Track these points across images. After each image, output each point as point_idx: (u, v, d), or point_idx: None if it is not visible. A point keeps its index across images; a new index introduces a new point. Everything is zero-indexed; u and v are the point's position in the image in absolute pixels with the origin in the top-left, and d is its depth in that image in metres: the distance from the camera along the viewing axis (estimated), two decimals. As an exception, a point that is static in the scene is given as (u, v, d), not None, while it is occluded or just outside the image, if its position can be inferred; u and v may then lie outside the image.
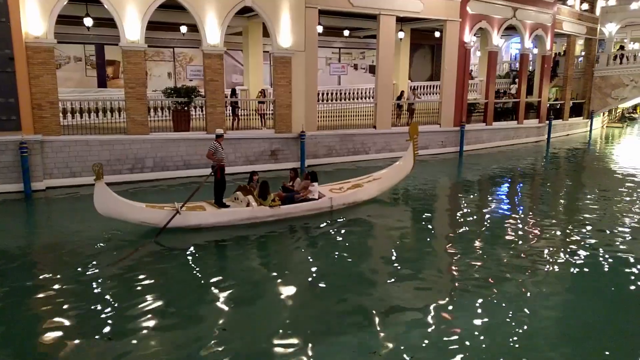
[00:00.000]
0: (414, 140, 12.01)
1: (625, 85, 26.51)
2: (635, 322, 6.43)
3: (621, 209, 12.06)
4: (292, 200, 10.51)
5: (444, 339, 5.79)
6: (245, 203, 9.99)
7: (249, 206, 9.94)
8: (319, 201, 10.75)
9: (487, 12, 20.03)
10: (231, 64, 23.01)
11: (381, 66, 17.72)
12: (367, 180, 12.03)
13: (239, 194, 10.23)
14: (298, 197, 10.62)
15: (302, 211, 10.47)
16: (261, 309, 6.63)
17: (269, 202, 10.11)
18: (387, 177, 12.25)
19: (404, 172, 12.37)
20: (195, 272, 7.86)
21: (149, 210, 9.30)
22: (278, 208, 10.19)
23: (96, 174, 8.47)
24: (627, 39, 37.45)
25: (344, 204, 11.19)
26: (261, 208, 9.98)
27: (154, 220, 9.23)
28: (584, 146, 24.17)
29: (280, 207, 10.22)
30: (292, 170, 11.60)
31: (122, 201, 9.09)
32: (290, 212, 10.31)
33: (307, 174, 11.11)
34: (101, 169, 8.52)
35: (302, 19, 15.57)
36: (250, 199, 9.96)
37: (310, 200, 10.65)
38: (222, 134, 10.48)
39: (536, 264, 8.27)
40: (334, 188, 11.53)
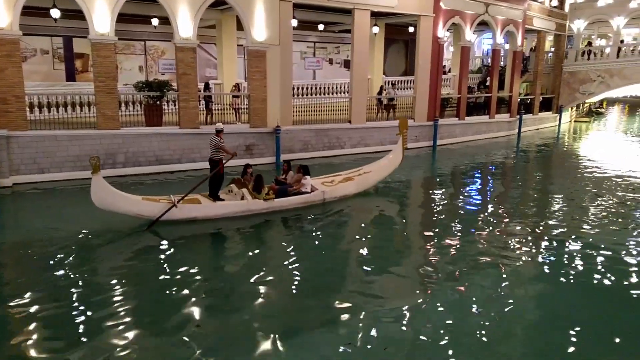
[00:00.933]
0: (404, 134, 12.41)
1: (592, 81, 27.25)
2: (605, 310, 6.63)
3: (588, 201, 12.42)
4: (286, 193, 10.67)
5: (418, 330, 5.88)
6: (239, 196, 10.13)
7: (243, 199, 10.07)
8: (312, 194, 10.93)
9: (460, 8, 20.28)
10: (204, 58, 22.71)
11: (356, 61, 17.76)
12: (358, 174, 12.21)
13: (233, 186, 10.38)
14: (291, 190, 10.78)
15: (295, 204, 10.66)
16: (238, 304, 6.60)
17: (264, 195, 10.24)
18: (377, 170, 12.51)
19: (393, 166, 12.73)
20: (171, 266, 7.76)
21: (146, 203, 9.38)
22: (272, 201, 10.34)
23: (93, 167, 8.53)
24: (595, 35, 38.50)
25: (336, 197, 11.39)
26: (255, 201, 10.13)
27: (150, 212, 9.31)
28: (554, 140, 24.77)
29: (274, 200, 10.37)
30: (285, 163, 11.75)
31: (119, 194, 9.16)
32: (283, 205, 10.49)
33: (300, 167, 11.27)
34: (98, 162, 8.57)
35: (277, 13, 15.46)
36: (245, 192, 10.10)
37: (303, 194, 10.82)
38: (222, 128, 10.55)
39: (507, 256, 8.46)
40: (326, 181, 11.72)
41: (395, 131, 18.57)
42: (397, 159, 12.72)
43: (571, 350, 5.58)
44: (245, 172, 10.66)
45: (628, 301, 6.91)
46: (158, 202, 9.49)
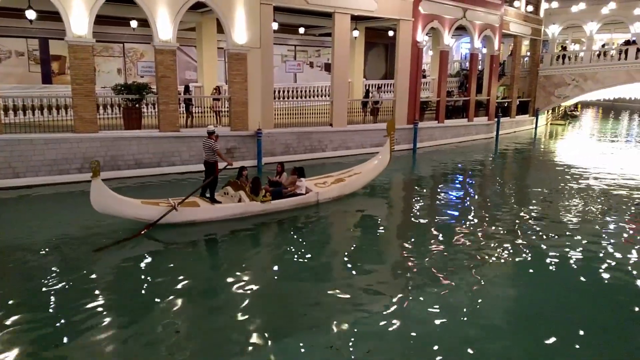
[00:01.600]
0: (391, 136, 12.68)
1: (567, 84, 27.90)
2: (581, 308, 6.78)
3: (564, 202, 12.71)
4: (280, 194, 10.86)
5: (400, 332, 5.93)
6: (236, 198, 10.26)
7: (240, 201, 10.21)
8: (306, 195, 11.17)
9: (439, 12, 20.56)
10: (184, 60, 22.53)
11: (337, 64, 17.85)
12: (349, 175, 12.53)
13: (229, 189, 10.50)
14: (286, 192, 10.99)
15: (291, 205, 10.90)
16: (220, 308, 6.56)
17: (261, 197, 10.41)
18: (367, 171, 12.81)
19: (382, 167, 13.07)
20: (160, 271, 7.68)
21: (145, 207, 9.44)
22: (269, 203, 10.54)
23: (93, 171, 8.54)
24: (569, 40, 39.48)
25: (329, 198, 11.67)
26: (253, 203, 10.30)
27: (149, 216, 9.37)
28: (531, 143, 25.25)
29: (271, 202, 10.57)
30: (280, 165, 11.94)
31: (119, 198, 9.19)
32: (279, 207, 10.70)
33: (294, 169, 11.51)
34: (98, 166, 8.57)
35: (257, 16, 15.44)
36: (242, 195, 10.23)
37: (298, 195, 11.03)
38: (214, 130, 10.67)
39: (487, 256, 8.60)
40: (319, 182, 11.99)
41: (376, 134, 18.78)
42: (385, 160, 13.04)
43: (550, 346, 5.70)
44: (240, 175, 10.71)
45: (604, 298, 7.08)
46: (157, 205, 9.56)
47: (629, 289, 7.44)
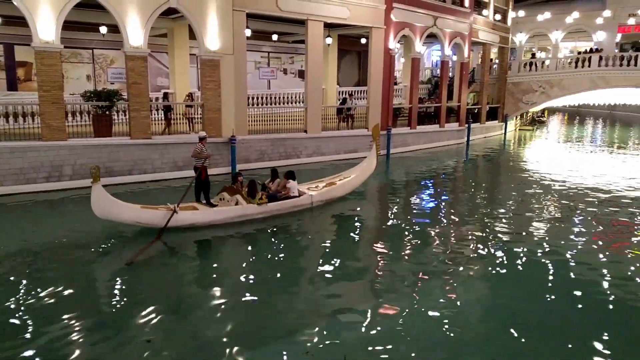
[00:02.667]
0: (376, 141, 13.38)
1: (534, 91, 28.69)
2: (552, 310, 6.95)
3: (534, 204, 13.04)
4: (275, 198, 11.14)
5: (377, 338, 5.96)
6: (233, 202, 10.46)
7: (237, 205, 10.40)
8: (301, 198, 11.50)
9: (410, 20, 20.91)
10: (156, 67, 22.25)
11: (310, 71, 17.93)
12: (339, 179, 13.04)
13: (224, 194, 10.67)
14: (280, 196, 11.29)
15: (287, 208, 11.21)
16: (195, 315, 6.48)
17: (257, 200, 10.65)
18: (356, 175, 13.31)
19: (369, 171, 13.67)
20: (139, 279, 7.52)
21: (145, 211, 9.55)
22: (265, 205, 10.80)
23: (93, 177, 8.64)
24: (535, 47, 40.69)
25: (322, 201, 12.04)
26: (250, 206, 10.55)
27: (149, 220, 9.49)
28: (500, 148, 25.85)
29: (267, 204, 10.83)
30: (273, 170, 12.19)
31: (119, 203, 9.31)
32: (275, 209, 11.00)
33: (285, 173, 11.77)
34: (98, 172, 8.69)
35: (230, 22, 15.40)
36: (239, 198, 10.45)
37: (292, 198, 11.34)
38: (205, 136, 11.08)
39: (461, 260, 8.74)
40: (311, 186, 12.43)
41: (351, 140, 18.95)
42: (372, 164, 13.65)
43: (525, 347, 5.82)
44: (235, 180, 10.94)
45: (574, 299, 7.28)
46: (157, 209, 9.68)
47: (596, 287, 7.66)
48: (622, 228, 11.29)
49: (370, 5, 19.11)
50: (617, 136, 32.10)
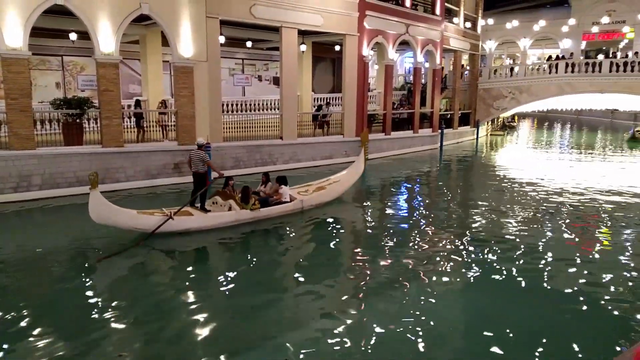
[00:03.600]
0: (365, 146, 13.73)
1: (504, 97, 29.41)
2: (526, 311, 7.09)
3: (506, 208, 13.32)
4: (267, 203, 11.28)
5: (356, 342, 5.98)
6: (226, 207, 10.58)
7: (231, 210, 10.52)
8: (291, 203, 11.67)
9: (383, 28, 21.19)
10: (127, 74, 21.90)
11: (285, 78, 17.96)
12: (328, 183, 13.18)
13: (217, 198, 10.79)
14: (272, 200, 11.44)
15: (278, 213, 11.36)
16: (176, 325, 6.38)
17: (250, 205, 10.76)
18: (344, 179, 13.54)
19: (357, 175, 13.93)
20: (117, 286, 7.36)
21: (142, 217, 9.66)
22: (258, 211, 10.92)
23: (91, 183, 8.70)
24: (504, 55, 41.75)
25: (312, 205, 12.22)
26: (243, 211, 10.67)
27: (146, 225, 9.59)
28: (473, 153, 26.35)
29: (260, 209, 10.95)
30: (264, 175, 12.36)
31: (116, 208, 9.38)
32: (268, 214, 11.14)
33: (277, 178, 12.02)
34: (97, 178, 8.76)
35: (204, 29, 15.32)
36: (232, 203, 10.57)
37: (284, 203, 11.50)
38: (204, 142, 11.39)
39: (437, 263, 8.86)
40: (301, 191, 12.55)
41: (327, 146, 19.06)
42: (360, 168, 13.91)
43: (500, 351, 5.93)
44: (227, 184, 11.05)
45: (548, 301, 7.44)
46: (152, 215, 9.78)
47: (569, 288, 7.85)
48: (591, 228, 11.64)
49: (344, 12, 19.30)
50: (584, 140, 33.12)
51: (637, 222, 12.07)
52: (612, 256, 9.48)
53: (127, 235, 9.78)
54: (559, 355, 5.84)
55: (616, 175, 18.70)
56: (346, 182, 13.53)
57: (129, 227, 9.58)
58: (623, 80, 26.32)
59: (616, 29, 34.16)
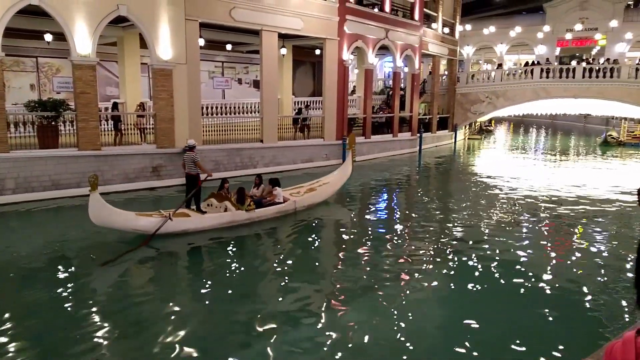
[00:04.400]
0: (352, 149, 14.18)
1: (482, 101, 29.90)
2: (502, 313, 7.23)
3: (483, 210, 13.54)
4: (261, 204, 11.51)
5: (335, 346, 6.00)
6: (222, 208, 10.76)
7: (226, 211, 10.72)
8: (285, 204, 11.94)
9: (363, 32, 21.35)
10: (105, 76, 21.59)
11: (265, 81, 17.94)
12: (319, 185, 13.50)
13: (212, 200, 10.91)
14: (265, 202, 11.69)
15: (272, 213, 11.64)
16: (154, 330, 6.29)
17: (245, 206, 11.00)
18: (334, 181, 13.93)
19: (346, 177, 14.38)
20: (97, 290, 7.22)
21: (141, 218, 9.79)
22: (253, 212, 11.17)
23: (91, 185, 8.83)
24: (482, 60, 42.48)
25: (304, 206, 12.53)
26: (239, 212, 10.90)
27: (145, 227, 9.72)
28: (451, 156, 26.71)
29: (255, 210, 11.20)
30: (257, 177, 12.49)
31: (115, 210, 9.52)
32: (262, 215, 11.38)
33: (269, 180, 12.26)
34: (96, 180, 8.91)
35: (183, 31, 15.20)
36: (228, 205, 10.76)
37: (277, 204, 11.74)
38: (195, 144, 11.58)
39: (415, 266, 8.95)
40: (293, 192, 12.81)
41: (308, 150, 19.09)
42: (348, 170, 14.33)
43: (476, 352, 6.02)
44: (222, 187, 11.21)
45: (523, 302, 7.59)
46: (151, 216, 9.91)
47: (546, 291, 8.03)
48: (566, 230, 11.91)
49: (324, 17, 19.39)
50: (559, 144, 33.88)
51: (610, 224, 12.41)
52: (587, 257, 9.71)
53: (109, 238, 9.71)
54: (536, 355, 5.96)
55: (590, 178, 19.19)
56: (336, 183, 13.90)
57: (128, 229, 9.67)
58: (595, 86, 27.04)
59: (589, 36, 35.08)
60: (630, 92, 26.26)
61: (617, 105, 27.43)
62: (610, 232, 11.66)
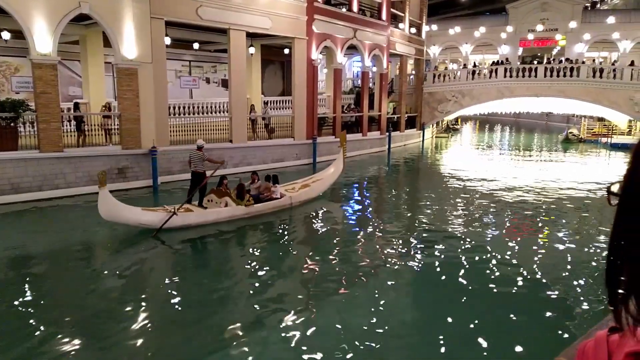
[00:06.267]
0: (343, 147, 14.74)
1: (448, 100, 30.44)
2: (469, 310, 7.36)
3: (451, 207, 13.80)
4: (259, 199, 11.98)
5: (310, 346, 5.99)
6: (222, 204, 11.22)
7: (227, 206, 11.18)
8: (282, 200, 12.48)
9: (331, 32, 21.42)
10: (67, 75, 20.95)
11: (234, 80, 17.76)
12: (313, 181, 14.03)
13: (212, 196, 11.36)
14: (263, 197, 12.17)
15: (270, 208, 12.13)
16: (122, 336, 6.14)
17: (245, 202, 11.46)
18: (327, 178, 14.42)
19: (337, 173, 14.81)
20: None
21: (146, 213, 10.33)
22: (252, 206, 11.63)
23: (100, 181, 9.33)
24: (448, 60, 43.25)
25: (300, 201, 13.02)
26: (239, 207, 11.36)
27: (151, 221, 10.20)
28: (419, 154, 27.11)
29: (254, 206, 11.66)
30: (254, 173, 12.88)
31: (123, 206, 10.03)
32: (261, 210, 11.85)
33: (267, 177, 12.81)
34: (105, 177, 9.45)
35: (148, 30, 14.89)
36: (228, 200, 11.24)
37: (274, 199, 12.25)
38: (203, 145, 12.16)
39: (386, 263, 9.03)
40: (288, 188, 13.29)
41: (278, 149, 19.04)
42: (340, 167, 14.78)
43: (444, 349, 6.13)
44: (221, 184, 11.59)
45: (491, 298, 7.76)
46: (157, 211, 10.46)
47: (513, 286, 8.23)
48: (531, 225, 12.26)
49: (292, 16, 19.35)
50: (522, 141, 34.87)
51: (573, 218, 12.85)
52: (551, 251, 10.02)
53: (74, 242, 9.36)
54: (502, 349, 6.10)
55: (552, 174, 19.81)
56: (328, 180, 14.41)
57: (136, 224, 10.17)
58: (556, 85, 27.95)
59: (550, 36, 36.22)
60: (589, 90, 27.25)
61: (577, 104, 28.44)
62: (574, 227, 12.07)
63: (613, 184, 0.77)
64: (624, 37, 33.77)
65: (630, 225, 0.73)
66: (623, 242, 0.74)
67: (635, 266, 0.72)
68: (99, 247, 10.33)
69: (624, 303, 0.74)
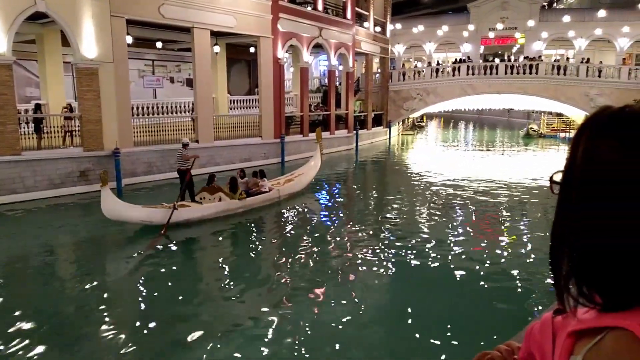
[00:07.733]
0: (320, 142, 15.74)
1: (413, 98, 30.90)
2: (437, 302, 7.51)
3: (418, 203, 14.06)
4: (249, 194, 12.55)
5: (281, 344, 6.00)
6: (216, 199, 11.59)
7: (221, 201, 11.57)
8: (270, 193, 13.21)
9: (297, 31, 21.39)
10: (24, 76, 20.19)
11: (199, 79, 17.52)
12: (295, 176, 14.83)
13: (204, 194, 11.71)
14: (252, 192, 12.74)
15: (261, 202, 12.81)
16: (93, 343, 5.99)
17: (238, 195, 11.93)
18: (307, 172, 15.26)
19: (316, 168, 15.68)
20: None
21: (147, 210, 10.52)
22: (245, 200, 12.17)
23: (102, 181, 9.60)
24: (412, 58, 43.87)
25: (287, 194, 13.80)
26: (233, 201, 11.83)
27: (152, 218, 10.44)
28: (386, 152, 27.42)
29: (246, 199, 12.21)
30: (241, 171, 13.41)
31: (125, 204, 10.35)
32: (252, 203, 12.46)
33: (254, 172, 13.59)
34: (106, 176, 9.72)
35: (108, 28, 14.51)
36: (222, 195, 11.64)
37: (264, 193, 12.91)
38: (188, 142, 12.86)
39: (357, 259, 9.13)
40: (274, 183, 13.97)
41: (245, 149, 18.93)
42: (318, 162, 15.72)
43: (419, 343, 6.24)
44: (211, 181, 12.00)
45: (459, 290, 7.94)
46: (157, 208, 10.62)
47: (477, 277, 8.45)
48: (494, 219, 12.61)
49: (257, 14, 19.23)
50: (485, 137, 35.76)
51: (532, 210, 13.28)
52: (513, 243, 10.35)
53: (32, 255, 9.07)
54: (469, 336, 6.27)
55: (514, 167, 20.43)
56: (309, 174, 15.23)
57: (139, 221, 10.39)
58: (517, 82, 28.79)
59: (510, 34, 37.22)
60: (547, 87, 28.20)
61: (536, 100, 29.37)
62: (533, 218, 12.49)
63: (555, 173, 0.81)
64: (579, 35, 35.03)
65: (569, 213, 0.77)
66: (563, 229, 0.79)
67: (574, 252, 0.77)
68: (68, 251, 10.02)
69: (565, 286, 0.79)
